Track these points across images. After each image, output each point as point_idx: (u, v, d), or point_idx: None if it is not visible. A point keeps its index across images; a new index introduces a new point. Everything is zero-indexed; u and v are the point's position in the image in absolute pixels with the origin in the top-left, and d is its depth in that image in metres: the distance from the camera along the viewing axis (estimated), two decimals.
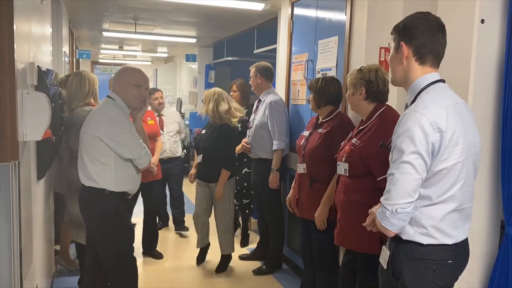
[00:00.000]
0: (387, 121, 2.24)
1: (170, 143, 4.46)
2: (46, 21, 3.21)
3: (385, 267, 1.66)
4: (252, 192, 4.06)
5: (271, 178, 3.56)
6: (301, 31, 3.79)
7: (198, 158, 3.72)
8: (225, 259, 3.81)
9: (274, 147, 3.58)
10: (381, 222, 1.55)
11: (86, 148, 2.39)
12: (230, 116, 3.64)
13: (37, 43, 2.53)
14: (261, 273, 3.75)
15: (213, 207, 3.76)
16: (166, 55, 10.59)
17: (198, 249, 3.90)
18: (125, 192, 2.45)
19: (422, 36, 1.57)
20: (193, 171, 3.83)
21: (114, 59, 12.42)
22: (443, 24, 1.61)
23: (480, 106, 2.14)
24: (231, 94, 4.31)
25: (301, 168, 2.83)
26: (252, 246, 4.30)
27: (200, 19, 5.58)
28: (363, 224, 1.76)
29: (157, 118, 4.33)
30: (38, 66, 2.35)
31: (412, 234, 1.57)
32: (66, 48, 5.08)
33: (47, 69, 2.55)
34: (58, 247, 3.63)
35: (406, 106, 1.63)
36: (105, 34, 6.66)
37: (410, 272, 1.58)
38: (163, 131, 4.37)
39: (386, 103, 2.38)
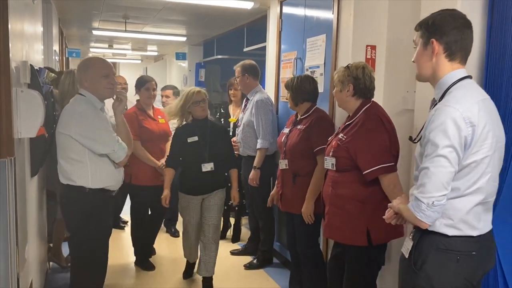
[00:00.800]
0: (373, 117, 2.30)
1: None
2: (38, 20, 3.23)
3: (406, 256, 1.69)
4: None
5: (252, 175, 3.61)
6: (290, 29, 3.85)
7: (205, 168, 3.18)
8: (208, 283, 3.35)
9: (258, 146, 3.63)
10: (416, 215, 1.56)
11: (60, 148, 2.37)
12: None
13: (30, 42, 2.56)
14: (252, 268, 3.81)
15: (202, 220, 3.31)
16: (156, 53, 10.57)
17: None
18: (105, 189, 2.42)
19: (453, 33, 1.58)
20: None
21: (104, 57, 12.33)
22: (470, 21, 1.64)
23: None
24: (231, 92, 4.34)
25: (283, 164, 2.91)
26: (244, 242, 4.37)
27: (189, 17, 5.60)
28: (383, 217, 1.80)
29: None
30: (30, 65, 2.38)
31: (438, 225, 1.60)
32: (56, 47, 5.08)
33: (39, 68, 2.58)
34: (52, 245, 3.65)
35: (433, 102, 1.67)
36: (95, 32, 6.65)
37: (434, 262, 1.61)
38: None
39: (372, 99, 2.44)
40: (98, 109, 2.42)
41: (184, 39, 7.23)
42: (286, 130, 3.02)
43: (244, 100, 3.98)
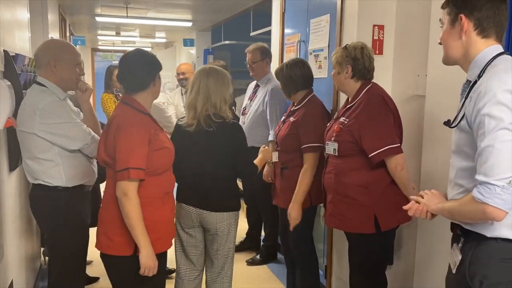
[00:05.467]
0: (375, 97, 2.19)
1: None
2: (22, 6, 3.06)
3: (454, 272, 1.46)
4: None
5: (266, 171, 3.28)
6: (293, 10, 3.61)
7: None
8: None
9: (270, 138, 3.35)
10: (490, 203, 1.28)
11: (25, 147, 2.14)
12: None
13: (6, 28, 2.39)
14: (255, 264, 3.66)
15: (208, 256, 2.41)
16: (164, 40, 10.42)
17: None
18: (81, 186, 2.25)
19: (485, 8, 1.41)
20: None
21: (113, 46, 12.26)
22: None
23: None
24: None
25: (274, 156, 2.76)
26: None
27: (194, 1, 5.39)
28: (407, 211, 1.61)
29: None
30: (5, 51, 2.22)
31: (498, 228, 1.36)
32: (55, 35, 4.94)
33: (16, 54, 2.41)
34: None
35: (467, 84, 1.46)
36: (98, 19, 6.51)
37: (497, 277, 1.35)
38: None
39: (372, 80, 2.29)
40: (62, 100, 2.19)
41: (190, 24, 7.03)
42: (282, 119, 2.85)
43: (253, 87, 3.72)
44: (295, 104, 2.72)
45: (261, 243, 3.84)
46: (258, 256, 3.70)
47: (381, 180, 2.17)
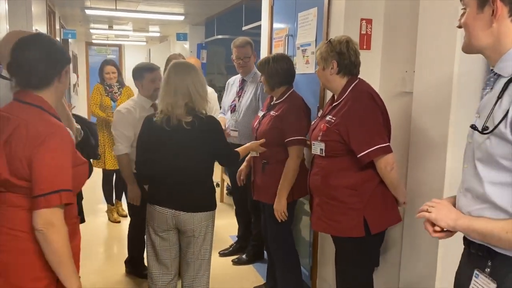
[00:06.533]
0: (363, 94, 2.10)
1: None
2: None
3: None
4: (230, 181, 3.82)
5: (241, 169, 3.17)
6: (282, 3, 3.51)
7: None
8: None
9: None
10: None
11: None
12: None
13: None
14: (241, 263, 3.58)
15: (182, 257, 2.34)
16: (158, 34, 10.30)
17: None
18: None
19: None
20: None
21: (107, 40, 12.13)
22: None
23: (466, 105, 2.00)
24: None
25: (253, 151, 2.71)
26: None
27: None
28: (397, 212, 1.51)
29: None
30: None
31: None
32: (40, 27, 4.83)
33: None
34: None
35: (494, 77, 1.26)
36: (87, 12, 6.39)
37: None
38: None
39: (359, 76, 2.20)
40: None
41: (182, 18, 6.92)
42: (260, 114, 2.81)
43: (239, 83, 3.62)
44: (276, 98, 2.68)
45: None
46: (244, 256, 3.62)
47: (369, 181, 2.10)
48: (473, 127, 1.24)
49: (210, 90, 4.37)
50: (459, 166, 2.02)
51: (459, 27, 1.29)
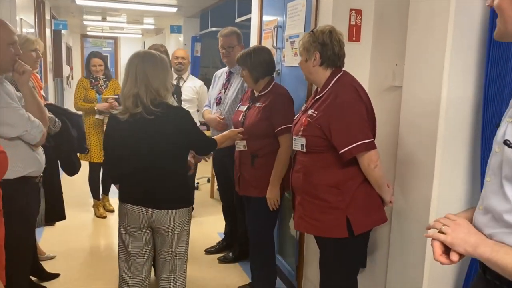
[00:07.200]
0: (346, 87, 2.01)
1: None
2: None
3: None
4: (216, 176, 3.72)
5: None
6: None
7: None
8: None
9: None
10: None
11: None
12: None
13: None
14: (227, 261, 3.49)
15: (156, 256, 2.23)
16: (153, 26, 10.17)
17: None
18: (26, 177, 2.08)
19: None
20: None
21: (103, 32, 12.00)
22: None
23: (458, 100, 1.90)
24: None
25: (240, 145, 2.68)
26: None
27: None
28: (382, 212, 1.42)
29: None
30: None
31: None
32: (27, 17, 4.71)
33: None
34: None
35: None
36: (78, 2, 6.26)
37: None
38: None
39: (343, 68, 2.11)
40: None
41: (175, 10, 6.80)
42: (242, 108, 2.77)
43: (225, 75, 3.52)
44: (258, 91, 2.67)
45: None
46: (230, 254, 3.53)
47: (353, 178, 2.01)
48: (507, 143, 1.01)
49: (199, 83, 4.29)
50: (450, 165, 1.95)
51: (490, 6, 1.09)
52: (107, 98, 4.07)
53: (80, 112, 3.57)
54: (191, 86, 4.19)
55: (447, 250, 1.07)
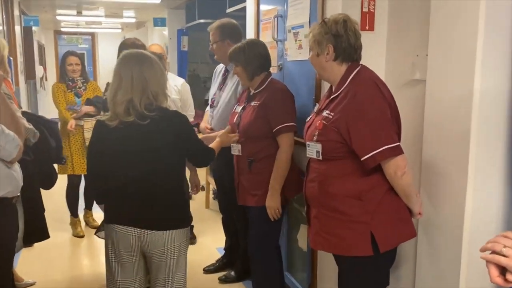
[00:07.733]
0: (367, 83, 1.93)
1: None
2: None
3: None
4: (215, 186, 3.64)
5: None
6: None
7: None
8: None
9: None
10: None
11: None
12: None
13: None
14: (229, 281, 3.41)
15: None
16: (134, 20, 10.07)
17: None
18: (0, 198, 1.96)
19: None
20: None
21: (78, 27, 11.85)
22: None
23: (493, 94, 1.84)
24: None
25: (235, 149, 2.67)
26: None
27: None
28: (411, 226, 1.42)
29: None
30: None
31: None
32: None
33: None
34: None
35: None
36: None
37: None
38: None
39: (360, 62, 2.04)
40: None
41: (158, 0, 6.69)
42: (238, 109, 2.77)
43: (222, 73, 3.41)
44: (253, 88, 2.68)
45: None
46: (232, 272, 3.45)
47: (376, 188, 1.93)
48: None
49: (181, 81, 4.17)
50: (485, 168, 1.86)
51: None
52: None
53: (56, 118, 3.47)
54: (171, 85, 4.05)
55: (503, 270, 1.03)
